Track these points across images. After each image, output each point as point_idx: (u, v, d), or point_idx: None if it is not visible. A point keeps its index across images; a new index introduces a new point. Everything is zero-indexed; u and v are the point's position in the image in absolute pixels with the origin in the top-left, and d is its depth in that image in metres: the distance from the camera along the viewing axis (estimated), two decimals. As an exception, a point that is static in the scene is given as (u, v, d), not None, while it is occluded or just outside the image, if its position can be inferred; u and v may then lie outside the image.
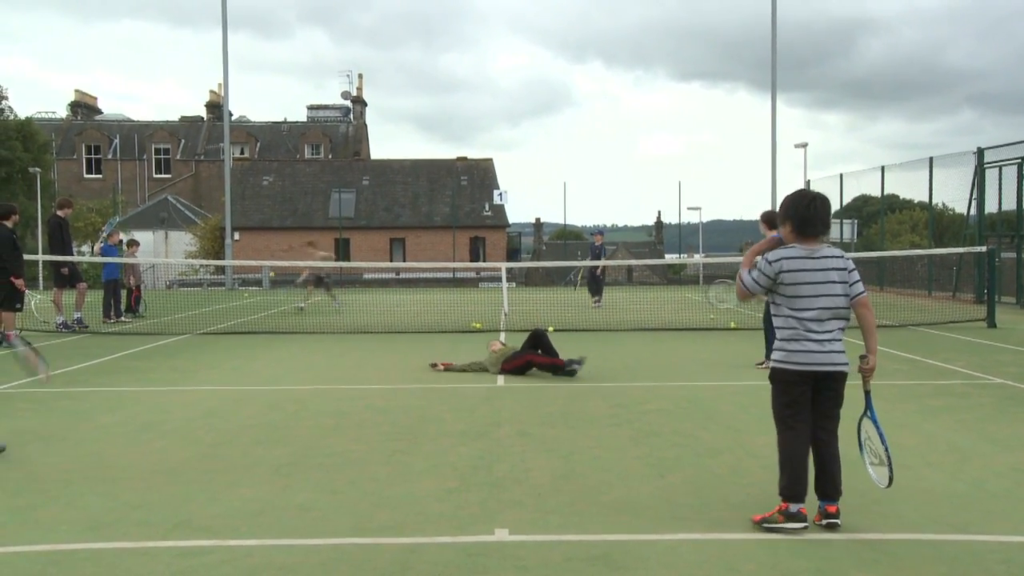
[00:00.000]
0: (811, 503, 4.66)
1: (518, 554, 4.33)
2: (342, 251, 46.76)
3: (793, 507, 4.60)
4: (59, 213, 16.19)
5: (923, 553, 4.32)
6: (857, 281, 4.71)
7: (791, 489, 4.61)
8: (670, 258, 58.73)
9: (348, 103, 68.19)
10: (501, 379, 9.93)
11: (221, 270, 37.82)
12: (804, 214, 4.68)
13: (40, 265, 31.99)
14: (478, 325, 16.21)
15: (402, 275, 39.90)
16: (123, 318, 17.99)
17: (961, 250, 20.66)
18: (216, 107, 64.43)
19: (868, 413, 4.85)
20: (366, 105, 69.17)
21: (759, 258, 4.77)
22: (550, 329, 15.76)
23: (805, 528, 4.58)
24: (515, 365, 10.08)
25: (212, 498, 5.31)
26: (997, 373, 10.21)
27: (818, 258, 4.65)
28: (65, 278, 16.01)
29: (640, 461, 6.19)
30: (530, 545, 4.46)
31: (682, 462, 6.16)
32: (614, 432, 7.14)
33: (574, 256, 59.87)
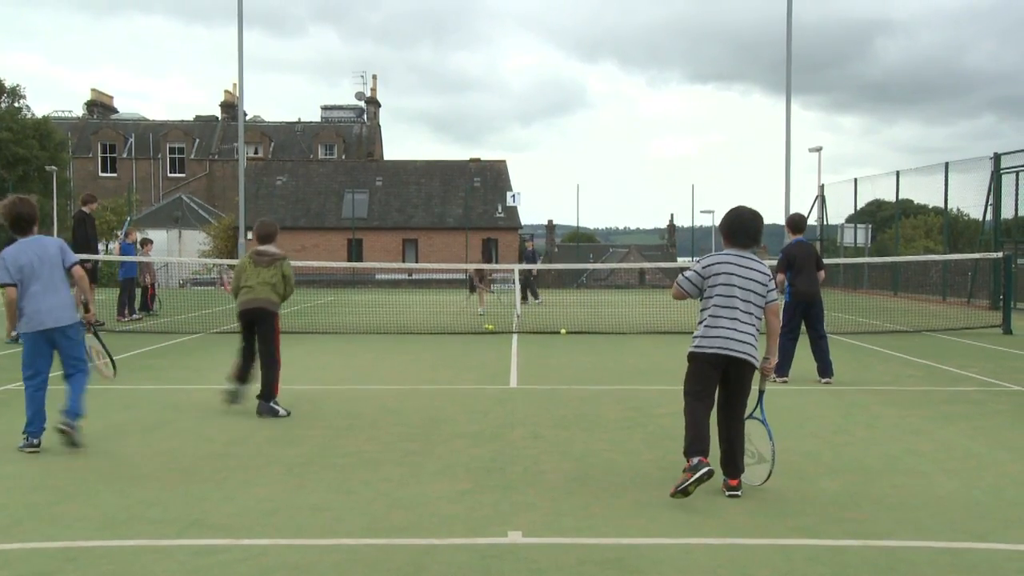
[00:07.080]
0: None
1: (531, 556, 4.32)
2: (355, 252, 46.90)
3: (693, 460, 5.15)
4: (84, 208, 16.29)
5: (941, 561, 4.28)
6: (772, 290, 5.45)
7: (691, 446, 5.23)
8: (682, 261, 58.62)
9: (362, 104, 68.28)
10: (514, 382, 9.92)
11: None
12: (731, 226, 5.53)
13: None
14: (490, 327, 16.20)
15: (414, 276, 39.90)
16: (136, 316, 18.07)
17: (977, 256, 20.54)
18: (230, 107, 64.61)
19: (758, 413, 5.55)
20: (380, 106, 69.21)
21: (695, 262, 5.61)
22: (563, 331, 15.79)
23: (708, 471, 5.05)
24: None
25: (226, 497, 5.32)
26: (1013, 380, 10.14)
27: (744, 258, 5.42)
28: (89, 272, 16.02)
29: (654, 464, 6.17)
30: (543, 548, 4.45)
31: (696, 466, 6.12)
32: (628, 435, 7.12)
33: (586, 259, 59.86)
